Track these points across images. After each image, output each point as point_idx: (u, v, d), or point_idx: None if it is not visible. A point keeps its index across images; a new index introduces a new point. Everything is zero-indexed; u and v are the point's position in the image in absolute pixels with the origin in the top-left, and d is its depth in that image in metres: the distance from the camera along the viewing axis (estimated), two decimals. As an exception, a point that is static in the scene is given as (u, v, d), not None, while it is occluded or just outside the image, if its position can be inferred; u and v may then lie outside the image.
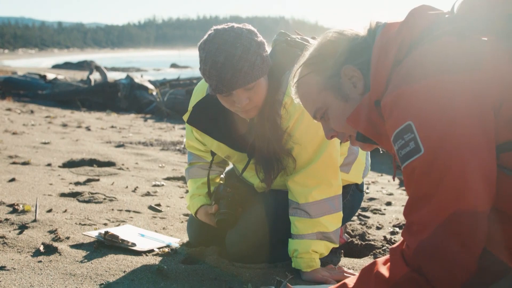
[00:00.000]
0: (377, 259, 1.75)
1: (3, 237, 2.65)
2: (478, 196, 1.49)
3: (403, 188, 5.50)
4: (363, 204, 4.45)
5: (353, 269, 2.69)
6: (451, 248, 1.50)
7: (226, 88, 2.27)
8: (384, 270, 1.63)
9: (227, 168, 3.02)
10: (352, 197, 2.84)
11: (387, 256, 1.69)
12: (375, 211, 4.20)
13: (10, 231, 2.83)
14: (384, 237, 3.32)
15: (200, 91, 2.69)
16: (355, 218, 3.90)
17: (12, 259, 2.41)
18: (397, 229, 3.59)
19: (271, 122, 2.44)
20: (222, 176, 2.95)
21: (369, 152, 2.91)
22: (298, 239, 2.49)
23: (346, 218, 2.84)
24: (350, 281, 1.76)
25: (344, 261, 2.84)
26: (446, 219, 1.50)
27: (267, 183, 2.56)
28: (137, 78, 14.33)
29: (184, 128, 9.74)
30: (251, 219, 2.64)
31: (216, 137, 2.61)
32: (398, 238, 3.30)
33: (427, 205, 1.53)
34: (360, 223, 3.71)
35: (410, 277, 1.55)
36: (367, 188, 5.32)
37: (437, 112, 1.51)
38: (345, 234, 3.14)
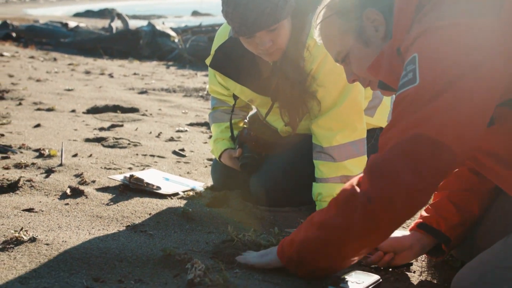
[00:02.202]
0: None
1: (30, 180, 2.68)
2: (450, 129, 1.47)
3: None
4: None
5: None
6: (398, 165, 1.49)
7: (249, 30, 2.23)
8: (337, 194, 1.67)
9: (251, 113, 3.00)
10: (376, 141, 2.79)
11: None
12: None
13: (37, 175, 2.87)
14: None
15: (222, 34, 2.64)
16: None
17: (40, 202, 2.45)
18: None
19: (295, 65, 2.40)
20: (245, 120, 2.93)
21: (394, 97, 2.86)
22: (322, 182, 2.48)
23: None
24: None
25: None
26: (406, 138, 1.49)
27: (293, 126, 2.54)
28: (159, 25, 14.20)
29: (206, 75, 9.69)
30: (275, 163, 2.63)
31: (239, 80, 2.58)
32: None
33: (397, 125, 1.53)
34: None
35: (353, 193, 1.58)
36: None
37: (445, 49, 1.49)
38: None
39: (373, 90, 1.89)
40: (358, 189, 1.57)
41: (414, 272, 1.99)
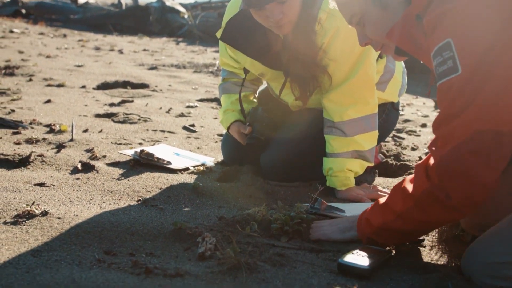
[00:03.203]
0: (407, 176, 1.80)
1: (41, 155, 2.69)
2: (506, 116, 1.49)
3: (439, 110, 5.40)
4: (398, 126, 4.40)
5: (387, 188, 2.68)
6: (471, 164, 1.52)
7: (259, 2, 2.21)
8: (409, 185, 1.69)
9: (261, 88, 2.98)
10: (388, 116, 2.78)
11: None
12: (410, 133, 4.15)
13: (48, 150, 2.88)
14: (420, 157, 3.29)
15: (233, 7, 2.62)
16: (389, 139, 3.87)
17: (51, 176, 2.46)
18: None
19: (306, 38, 2.37)
20: (255, 94, 2.92)
21: (405, 71, 2.83)
22: (333, 157, 2.48)
23: (382, 137, 2.80)
24: (383, 199, 1.83)
25: (379, 181, 2.83)
26: (469, 135, 1.52)
27: (303, 100, 2.52)
28: (168, 1, 14.12)
29: (216, 51, 9.66)
30: (286, 138, 2.62)
31: (249, 54, 2.56)
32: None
33: (455, 120, 1.55)
34: (395, 144, 3.68)
35: (430, 192, 1.60)
36: (402, 110, 5.24)
37: (478, 32, 1.48)
38: (380, 154, 3.11)
39: (385, 54, 1.87)
40: (432, 183, 1.60)
41: (425, 247, 1.98)
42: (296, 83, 2.49)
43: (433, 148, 1.63)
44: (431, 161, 1.62)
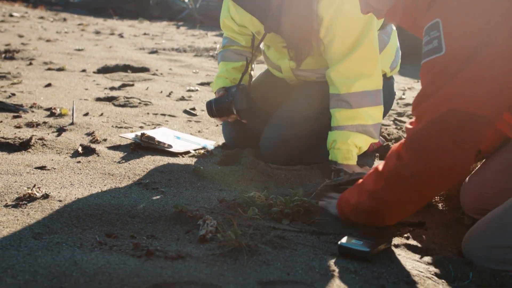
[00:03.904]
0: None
1: (42, 139, 2.69)
2: (482, 100, 1.49)
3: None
4: (399, 109, 4.39)
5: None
6: (438, 143, 1.53)
7: None
8: (381, 165, 1.71)
9: (258, 74, 2.99)
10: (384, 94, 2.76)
11: None
12: (411, 116, 4.14)
13: (48, 134, 2.87)
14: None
15: None
16: (390, 122, 3.86)
17: (52, 160, 2.45)
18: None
19: (305, 2, 2.38)
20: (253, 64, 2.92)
21: (400, 51, 2.82)
22: (337, 130, 2.47)
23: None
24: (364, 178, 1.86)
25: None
26: (441, 114, 1.52)
27: (297, 61, 2.54)
28: (169, -16, 14.02)
29: (217, 35, 9.62)
30: (286, 121, 2.61)
31: (249, 9, 2.56)
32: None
33: (430, 99, 1.56)
34: (396, 128, 3.67)
35: (397, 170, 1.62)
36: (403, 94, 5.22)
37: (468, 17, 1.49)
38: (381, 138, 3.11)
39: (388, 22, 1.88)
40: (400, 162, 1.61)
41: (426, 229, 1.99)
42: (291, 43, 2.50)
43: (408, 127, 1.65)
44: (406, 136, 1.64)
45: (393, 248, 1.77)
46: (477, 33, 1.47)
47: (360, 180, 1.83)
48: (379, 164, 1.77)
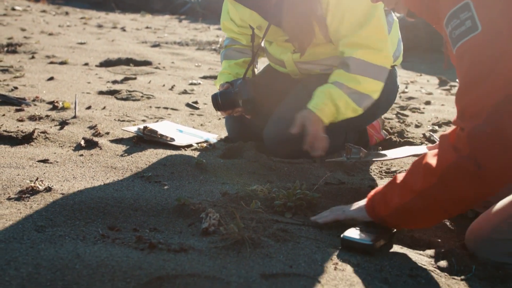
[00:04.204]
0: (428, 151, 1.67)
1: (44, 132, 2.69)
2: None
3: (443, 88, 5.38)
4: (402, 103, 4.38)
5: (390, 164, 2.67)
6: (506, 126, 1.40)
7: None
8: (433, 160, 1.55)
9: (261, 67, 2.98)
10: (385, 84, 2.73)
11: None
12: (414, 110, 4.13)
13: (51, 127, 2.87)
14: (423, 134, 3.28)
15: None
16: (393, 116, 3.85)
17: (55, 153, 2.45)
18: (436, 127, 3.53)
19: None
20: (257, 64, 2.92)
21: (401, 42, 2.81)
22: (328, 82, 2.46)
23: (383, 108, 2.79)
24: (400, 175, 1.68)
25: (383, 157, 2.82)
26: (502, 99, 1.40)
27: (301, 50, 2.53)
28: (171, -23, 14.00)
29: (219, 29, 9.60)
30: (289, 114, 2.60)
31: (248, 4, 2.55)
32: (438, 136, 3.25)
33: (482, 86, 1.43)
34: (398, 121, 3.66)
35: (458, 163, 1.47)
36: (406, 87, 5.22)
37: None
38: (383, 131, 3.10)
39: (398, 12, 1.85)
40: (461, 154, 1.47)
41: (429, 222, 1.99)
42: (293, 34, 2.50)
43: (462, 120, 1.51)
44: (460, 132, 1.50)
45: (396, 241, 1.77)
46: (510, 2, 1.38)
47: (398, 178, 1.67)
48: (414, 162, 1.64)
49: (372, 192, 1.77)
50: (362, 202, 1.79)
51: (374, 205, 1.72)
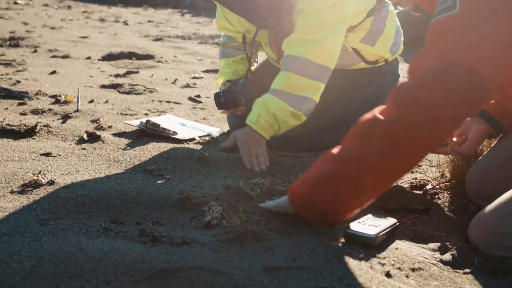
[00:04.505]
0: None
1: (47, 126, 2.69)
2: (489, 61, 1.41)
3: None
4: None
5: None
6: (432, 93, 1.42)
7: None
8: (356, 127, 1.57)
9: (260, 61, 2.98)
10: (384, 77, 2.70)
11: None
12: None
13: (53, 121, 2.88)
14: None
15: None
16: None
17: (57, 147, 2.46)
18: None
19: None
20: (256, 59, 2.91)
21: (401, 31, 2.79)
22: (269, 93, 2.34)
23: (381, 101, 2.78)
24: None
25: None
26: (440, 64, 1.43)
27: (278, 55, 2.51)
28: (173, -29, 13.96)
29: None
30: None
31: (235, 10, 2.54)
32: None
33: (433, 51, 1.46)
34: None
35: (374, 119, 1.49)
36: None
37: None
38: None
39: (403, 7, 1.83)
40: (380, 116, 1.48)
41: (432, 216, 1.98)
42: (272, 37, 2.48)
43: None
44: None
45: (398, 234, 1.77)
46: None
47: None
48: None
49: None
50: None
51: (294, 187, 1.66)
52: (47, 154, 2.34)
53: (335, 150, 1.58)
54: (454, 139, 2.12)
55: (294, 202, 1.65)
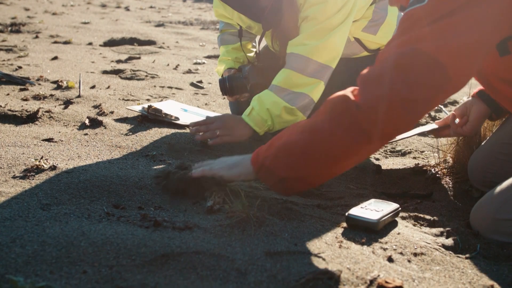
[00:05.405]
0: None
1: (49, 111, 2.69)
2: (450, 52, 1.43)
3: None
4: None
5: (395, 144, 2.66)
6: (391, 77, 1.44)
7: None
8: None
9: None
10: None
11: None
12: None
13: (55, 106, 2.87)
14: (428, 114, 3.26)
15: None
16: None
17: (59, 132, 2.45)
18: (441, 106, 3.51)
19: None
20: (253, 43, 2.90)
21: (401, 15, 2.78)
22: (268, 89, 2.34)
23: None
24: None
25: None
26: (402, 51, 1.45)
27: (283, 55, 2.50)
28: (175, -44, 13.88)
29: (223, 8, 9.53)
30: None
31: (235, 7, 2.52)
32: (442, 115, 3.23)
33: (398, 39, 1.50)
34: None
35: (344, 97, 1.50)
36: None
37: None
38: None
39: (391, 5, 1.84)
40: (351, 96, 1.50)
41: (434, 201, 1.98)
42: (277, 37, 2.46)
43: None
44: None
45: (400, 219, 1.77)
46: None
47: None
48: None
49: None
50: (243, 158, 1.73)
51: (259, 151, 1.65)
52: (49, 140, 2.33)
53: (305, 121, 1.59)
54: (457, 120, 2.13)
55: (256, 166, 1.64)
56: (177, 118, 2.72)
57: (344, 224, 1.65)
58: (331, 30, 2.28)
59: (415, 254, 1.50)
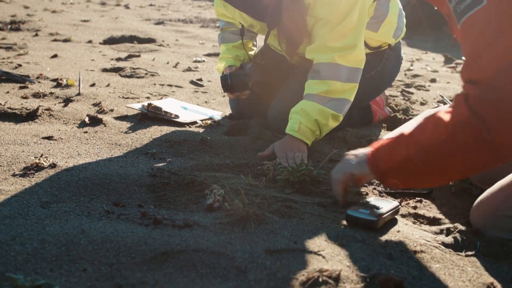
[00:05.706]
0: (441, 107, 1.62)
1: (49, 109, 2.69)
2: None
3: (449, 65, 5.34)
4: (407, 80, 4.36)
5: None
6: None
7: None
8: (445, 115, 1.48)
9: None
10: (387, 60, 2.73)
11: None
12: (419, 87, 4.11)
13: (55, 104, 2.87)
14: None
15: None
16: (398, 93, 3.83)
17: (59, 130, 2.45)
18: (441, 105, 3.51)
19: None
20: (254, 42, 2.90)
21: (403, 13, 2.78)
22: (307, 99, 2.34)
23: (384, 84, 2.80)
24: (408, 128, 1.58)
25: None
26: (505, 66, 1.36)
27: (290, 54, 2.50)
28: (174, -46, 13.87)
29: (223, 6, 9.53)
30: (293, 91, 2.59)
31: (237, 6, 2.52)
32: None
33: (489, 52, 1.39)
34: (403, 99, 3.64)
35: (470, 122, 1.40)
36: (411, 65, 5.18)
37: None
38: (388, 108, 3.09)
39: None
40: (472, 117, 1.40)
41: (434, 199, 1.98)
42: (282, 36, 2.46)
43: (469, 85, 1.45)
44: (472, 91, 1.43)
45: (400, 217, 1.77)
46: None
47: (402, 132, 1.59)
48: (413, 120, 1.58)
49: (378, 144, 1.68)
50: (363, 153, 1.72)
51: (378, 156, 1.64)
52: (49, 138, 2.33)
53: (425, 138, 1.51)
54: None
55: (376, 172, 1.66)
56: (177, 116, 2.72)
57: (344, 222, 1.65)
58: (351, 33, 2.30)
59: (415, 252, 1.50)
